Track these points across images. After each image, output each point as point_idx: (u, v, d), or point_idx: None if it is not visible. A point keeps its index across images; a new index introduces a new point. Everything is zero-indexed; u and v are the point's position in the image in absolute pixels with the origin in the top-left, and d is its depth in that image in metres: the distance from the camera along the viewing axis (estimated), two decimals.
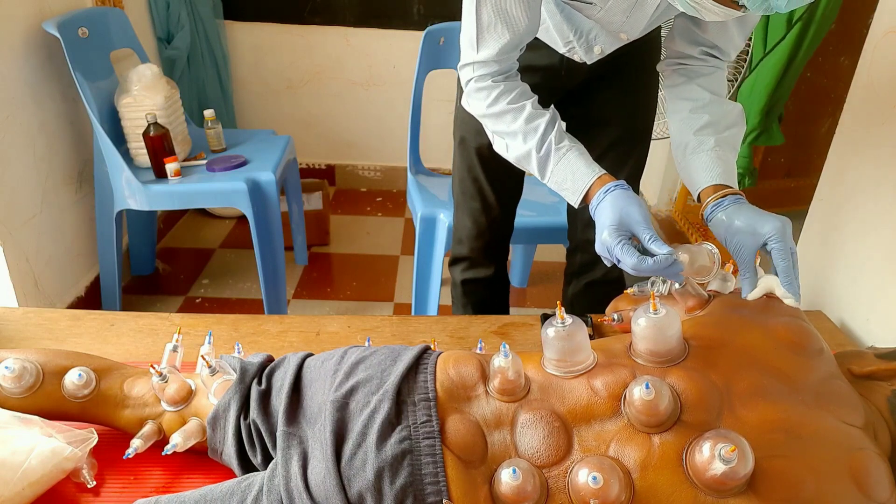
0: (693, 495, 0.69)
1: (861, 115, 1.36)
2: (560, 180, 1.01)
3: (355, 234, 2.75)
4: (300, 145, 2.48)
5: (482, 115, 1.07)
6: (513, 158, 1.06)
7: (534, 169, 1.03)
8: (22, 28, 1.73)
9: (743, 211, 0.95)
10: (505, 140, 1.05)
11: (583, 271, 1.47)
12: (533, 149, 1.01)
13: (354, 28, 2.82)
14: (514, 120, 1.02)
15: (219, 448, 0.87)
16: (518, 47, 1.03)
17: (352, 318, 1.30)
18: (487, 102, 1.04)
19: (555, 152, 1.00)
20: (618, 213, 0.91)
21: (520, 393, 0.80)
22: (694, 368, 0.78)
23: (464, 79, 1.07)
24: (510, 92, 1.03)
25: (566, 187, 1.00)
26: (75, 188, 1.99)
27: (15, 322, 1.22)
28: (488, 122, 1.06)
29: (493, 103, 1.03)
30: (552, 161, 1.01)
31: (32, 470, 0.81)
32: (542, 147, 1.01)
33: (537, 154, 1.01)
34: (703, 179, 1.01)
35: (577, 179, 0.98)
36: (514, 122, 1.02)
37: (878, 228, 1.29)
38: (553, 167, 1.01)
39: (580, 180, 0.98)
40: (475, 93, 1.05)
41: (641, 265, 0.86)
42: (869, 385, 0.85)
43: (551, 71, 1.22)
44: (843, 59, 2.35)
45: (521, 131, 1.02)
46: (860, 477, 0.70)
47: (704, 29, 1.05)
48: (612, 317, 1.13)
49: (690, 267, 0.92)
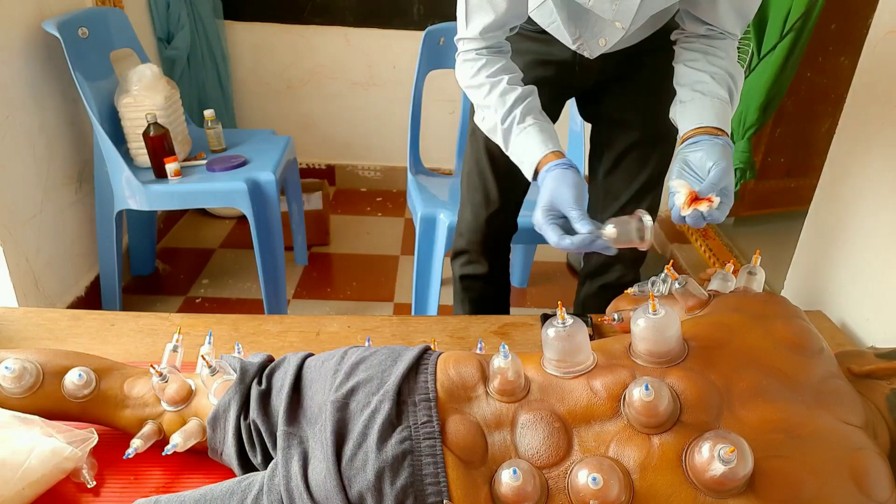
0: (693, 496, 0.69)
1: (861, 115, 1.36)
2: (517, 153, 1.07)
3: (355, 234, 2.75)
4: (300, 145, 2.48)
5: (466, 87, 1.13)
6: (486, 129, 1.12)
7: (500, 141, 1.09)
8: (22, 28, 1.73)
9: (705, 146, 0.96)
10: (482, 112, 1.11)
11: (598, 273, 1.47)
12: (499, 121, 1.07)
13: (354, 28, 2.82)
14: (489, 93, 1.08)
15: (219, 448, 0.87)
16: (503, 28, 1.09)
17: (352, 318, 1.30)
18: (470, 74, 1.11)
19: (516, 126, 1.06)
20: (550, 194, 0.96)
21: (520, 393, 0.80)
22: (693, 369, 0.78)
23: (457, 52, 1.14)
24: (491, 66, 1.09)
25: (522, 160, 1.06)
26: (75, 188, 1.99)
27: (15, 322, 1.22)
28: (470, 93, 1.13)
29: (474, 75, 1.10)
30: (513, 134, 1.07)
31: (32, 470, 0.81)
32: (506, 120, 1.06)
33: (501, 126, 1.07)
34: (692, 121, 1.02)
35: (530, 154, 1.04)
36: (488, 95, 1.08)
37: (879, 228, 1.29)
38: (513, 140, 1.07)
39: (532, 156, 1.03)
40: (461, 65, 1.13)
41: (562, 242, 0.92)
42: (868, 384, 0.85)
43: (565, 66, 1.24)
44: (843, 59, 2.35)
45: (493, 104, 1.08)
46: (860, 476, 0.70)
47: (697, 7, 1.05)
48: (612, 317, 1.13)
49: (618, 240, 0.92)
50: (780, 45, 1.98)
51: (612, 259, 1.29)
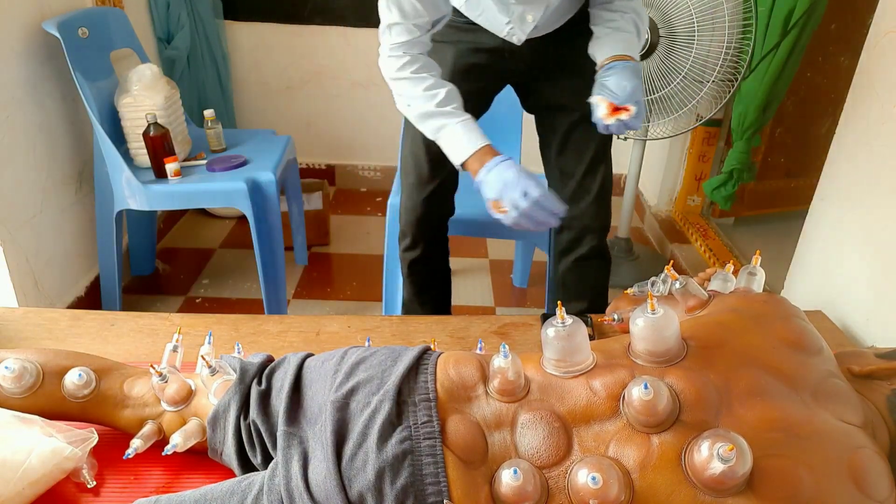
0: (692, 495, 0.70)
1: (861, 115, 1.36)
2: (449, 144, 1.22)
3: (355, 234, 2.75)
4: (300, 145, 2.48)
5: (391, 79, 1.26)
6: (412, 118, 1.26)
7: (428, 132, 1.24)
8: (22, 28, 1.73)
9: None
10: (407, 102, 1.25)
11: (571, 248, 1.52)
12: (425, 113, 1.22)
13: (354, 28, 2.82)
14: (414, 86, 1.22)
15: (219, 448, 0.87)
16: (422, 29, 1.22)
17: (352, 318, 1.30)
18: (395, 67, 1.23)
19: (446, 120, 1.21)
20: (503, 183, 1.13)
21: (519, 393, 0.80)
22: (692, 368, 0.78)
23: (382, 45, 1.25)
24: (414, 63, 1.23)
25: (454, 151, 1.21)
26: (75, 188, 1.99)
27: (15, 322, 1.22)
28: (395, 85, 1.25)
29: (400, 69, 1.23)
30: (444, 128, 1.21)
31: (32, 469, 0.81)
32: (435, 115, 1.21)
33: (430, 120, 1.22)
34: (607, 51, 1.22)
35: (461, 148, 1.20)
36: (413, 88, 1.22)
37: (878, 228, 1.29)
38: (444, 133, 1.22)
39: (463, 150, 1.19)
40: (386, 60, 1.25)
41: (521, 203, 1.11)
42: (869, 384, 0.85)
43: (495, 53, 1.35)
44: (843, 59, 2.35)
45: (419, 97, 1.22)
46: (859, 476, 0.70)
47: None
48: (612, 317, 1.13)
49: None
50: (782, 44, 1.98)
51: (583, 232, 1.45)
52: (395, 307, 1.89)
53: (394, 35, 1.21)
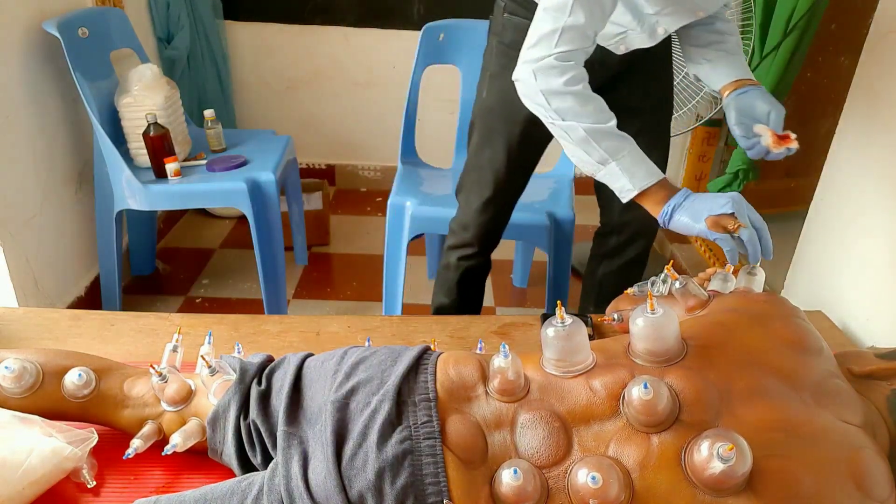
0: (692, 494, 0.70)
1: (861, 115, 1.36)
2: (624, 168, 1.08)
3: (355, 234, 2.74)
4: (300, 145, 2.47)
5: (553, 92, 1.08)
6: (575, 137, 1.09)
7: (596, 152, 1.08)
8: (22, 28, 1.73)
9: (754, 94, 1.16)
10: (571, 119, 1.08)
11: (616, 253, 1.53)
12: (604, 133, 1.08)
13: (354, 28, 2.82)
14: (585, 104, 1.08)
15: (219, 448, 0.87)
16: (593, 38, 1.09)
17: (352, 318, 1.30)
18: (564, 79, 1.07)
19: (623, 142, 1.09)
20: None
21: (519, 393, 0.80)
22: (692, 368, 0.78)
23: (538, 53, 1.08)
24: (583, 77, 1.09)
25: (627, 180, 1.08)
26: (75, 188, 1.99)
27: (15, 322, 1.22)
28: (557, 98, 1.08)
29: (568, 81, 1.07)
30: (624, 152, 1.08)
31: (32, 469, 0.81)
32: (612, 136, 1.08)
33: (605, 141, 1.08)
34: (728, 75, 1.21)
35: (639, 177, 1.08)
36: (585, 105, 1.08)
37: (879, 228, 1.29)
38: (623, 156, 1.08)
39: (642, 180, 1.08)
40: (548, 69, 1.07)
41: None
42: (869, 385, 0.85)
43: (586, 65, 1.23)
44: (843, 59, 2.35)
45: (591, 115, 1.08)
46: (859, 476, 0.70)
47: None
48: (612, 317, 1.13)
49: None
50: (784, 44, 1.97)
51: (631, 237, 1.46)
52: (395, 307, 1.89)
53: (563, 41, 1.05)
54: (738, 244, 0.99)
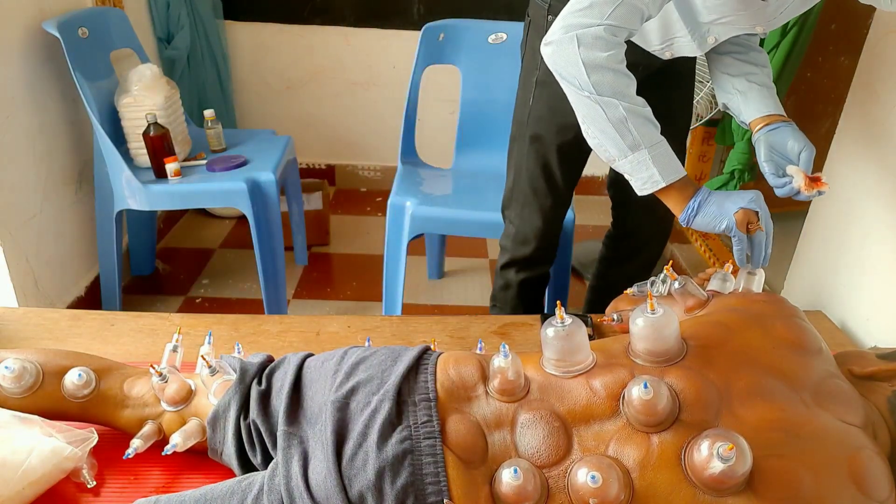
0: (692, 494, 0.70)
1: (861, 115, 1.36)
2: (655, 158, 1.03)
3: (355, 234, 2.74)
4: (300, 145, 2.47)
5: (597, 65, 1.01)
6: (616, 115, 1.02)
7: (629, 137, 1.02)
8: (22, 28, 1.73)
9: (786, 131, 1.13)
10: (615, 97, 1.01)
11: (631, 256, 1.53)
12: (646, 119, 1.03)
13: (354, 28, 2.82)
14: (630, 86, 1.03)
15: (219, 448, 0.87)
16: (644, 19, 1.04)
17: (352, 318, 1.30)
18: (608, 53, 1.00)
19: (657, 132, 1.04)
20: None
21: (519, 393, 0.80)
22: (692, 368, 0.78)
23: (587, 20, 1.00)
24: (625, 60, 1.03)
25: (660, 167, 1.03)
26: (75, 188, 1.99)
27: (15, 322, 1.22)
28: (599, 73, 1.01)
29: (611, 56, 1.00)
30: (662, 144, 1.04)
31: (32, 469, 0.81)
32: (650, 124, 1.03)
33: (643, 128, 1.02)
34: (759, 109, 1.17)
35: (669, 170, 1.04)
36: (630, 87, 1.03)
37: (879, 228, 1.29)
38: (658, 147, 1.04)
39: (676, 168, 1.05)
40: (594, 38, 1.00)
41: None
42: (870, 385, 0.85)
43: (631, 67, 1.14)
44: (843, 59, 2.35)
45: (633, 97, 1.03)
46: (859, 476, 0.70)
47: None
48: (611, 317, 1.13)
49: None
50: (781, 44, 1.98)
51: (646, 240, 1.47)
52: (395, 307, 1.89)
53: (617, 15, 0.99)
54: (747, 245, 1.00)
